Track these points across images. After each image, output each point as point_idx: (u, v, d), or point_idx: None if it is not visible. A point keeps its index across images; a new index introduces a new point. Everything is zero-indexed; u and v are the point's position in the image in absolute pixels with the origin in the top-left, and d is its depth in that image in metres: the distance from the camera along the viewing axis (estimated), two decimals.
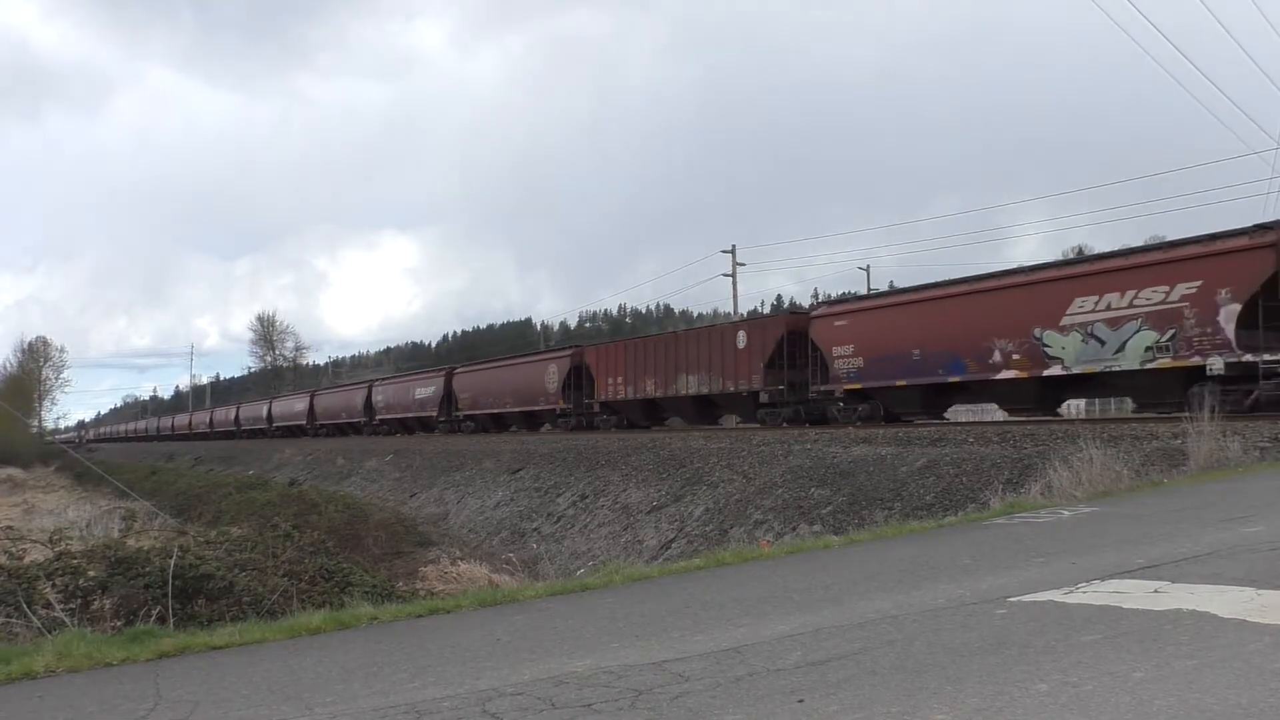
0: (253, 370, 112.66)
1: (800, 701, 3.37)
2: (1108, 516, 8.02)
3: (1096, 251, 26.84)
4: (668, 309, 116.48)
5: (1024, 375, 18.65)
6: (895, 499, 14.31)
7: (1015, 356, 18.76)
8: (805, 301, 72.61)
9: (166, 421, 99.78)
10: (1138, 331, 16.69)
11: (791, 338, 24.87)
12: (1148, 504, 8.60)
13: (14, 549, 8.34)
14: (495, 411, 38.85)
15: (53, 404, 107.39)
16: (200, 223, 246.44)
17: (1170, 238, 18.04)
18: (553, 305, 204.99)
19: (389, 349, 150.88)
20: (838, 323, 23.67)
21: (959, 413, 24.66)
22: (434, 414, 42.73)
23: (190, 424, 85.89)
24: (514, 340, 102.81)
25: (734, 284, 48.58)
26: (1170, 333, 16.22)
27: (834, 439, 18.74)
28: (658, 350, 29.65)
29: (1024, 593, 4.97)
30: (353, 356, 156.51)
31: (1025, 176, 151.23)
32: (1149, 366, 16.55)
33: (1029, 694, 3.24)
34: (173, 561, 7.92)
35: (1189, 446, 11.66)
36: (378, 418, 48.82)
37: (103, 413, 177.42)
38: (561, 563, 17.87)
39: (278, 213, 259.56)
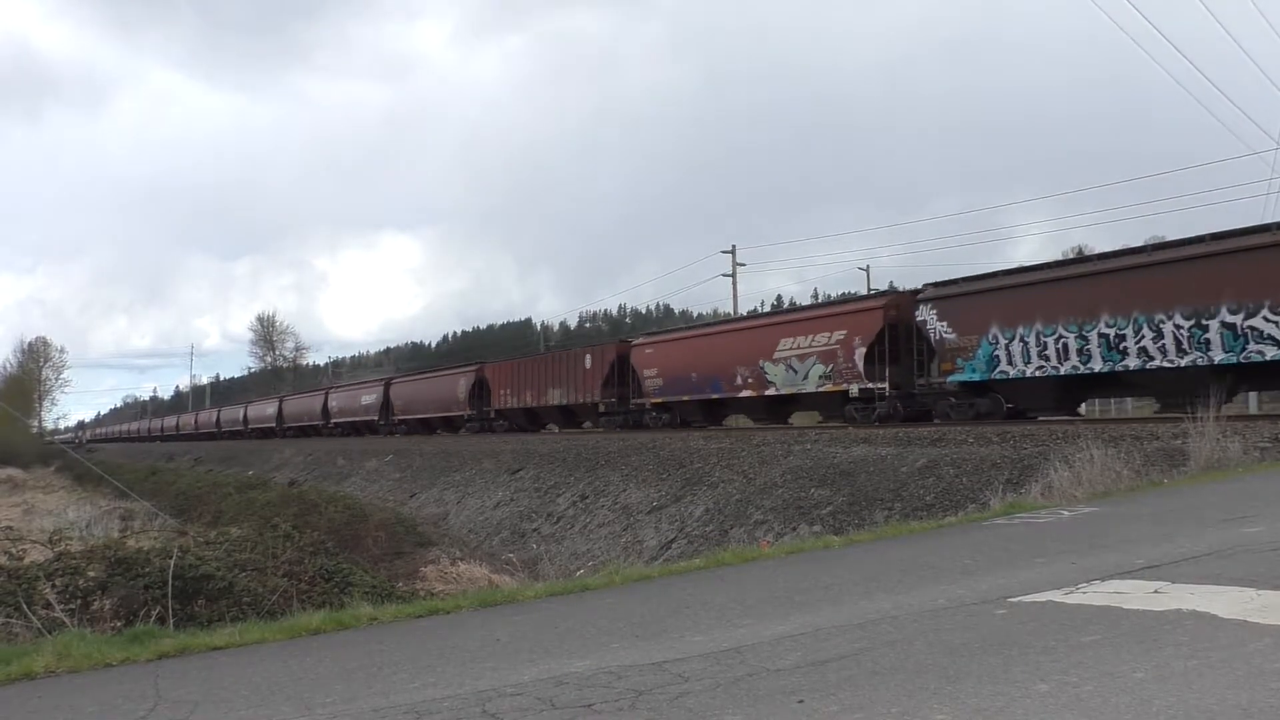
0: (253, 371, 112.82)
1: (800, 702, 3.37)
2: (1108, 517, 8.01)
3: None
4: (668, 309, 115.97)
5: (755, 394, 25.08)
6: (895, 499, 14.31)
7: (749, 380, 25.09)
8: (805, 302, 73.35)
9: (158, 423, 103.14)
10: (814, 365, 23.16)
11: (620, 361, 30.64)
12: (1148, 504, 8.59)
13: (14, 549, 8.33)
14: (421, 416, 44.45)
15: (53, 404, 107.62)
16: (200, 223, 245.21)
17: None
18: (553, 305, 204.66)
19: (389, 349, 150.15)
20: (647, 350, 29.62)
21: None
22: (375, 418, 48.88)
23: (178, 425, 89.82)
24: (514, 341, 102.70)
25: (734, 284, 48.73)
26: (831, 366, 22.70)
27: (834, 439, 18.76)
28: (534, 368, 35.71)
29: (1024, 593, 4.96)
30: (353, 357, 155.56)
31: (1027, 177, 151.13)
32: (821, 390, 23.04)
33: (1029, 694, 3.24)
34: (172, 562, 7.92)
35: (1189, 447, 11.64)
36: (332, 421, 54.58)
37: (103, 413, 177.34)
38: (561, 563, 17.86)
39: (278, 213, 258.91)
